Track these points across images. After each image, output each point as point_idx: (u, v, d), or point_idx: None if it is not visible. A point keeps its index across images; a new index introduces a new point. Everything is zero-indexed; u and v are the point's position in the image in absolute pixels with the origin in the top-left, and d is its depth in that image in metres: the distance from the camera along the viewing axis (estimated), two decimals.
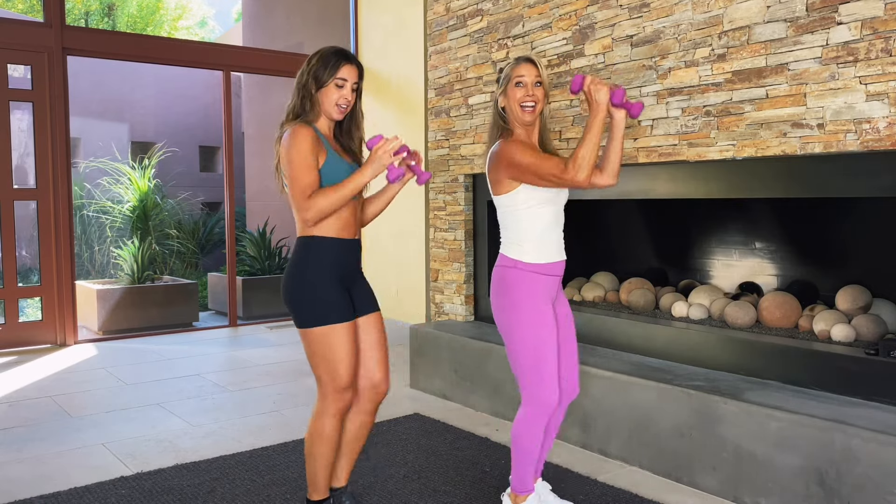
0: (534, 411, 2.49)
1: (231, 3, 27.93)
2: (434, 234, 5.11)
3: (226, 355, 5.82)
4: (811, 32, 2.91)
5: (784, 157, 3.05)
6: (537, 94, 2.51)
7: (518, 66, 2.53)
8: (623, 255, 4.72)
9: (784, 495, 2.70)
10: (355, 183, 2.34)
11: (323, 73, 2.39)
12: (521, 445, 2.54)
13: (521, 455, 2.55)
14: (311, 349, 2.41)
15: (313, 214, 2.31)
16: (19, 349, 5.86)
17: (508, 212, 2.55)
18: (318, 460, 2.48)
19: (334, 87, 2.40)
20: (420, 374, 4.56)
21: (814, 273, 3.74)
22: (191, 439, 3.68)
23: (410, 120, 5.98)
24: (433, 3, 5.07)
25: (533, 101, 2.50)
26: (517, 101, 2.51)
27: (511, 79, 2.52)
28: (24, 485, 3.09)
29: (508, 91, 2.53)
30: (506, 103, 2.55)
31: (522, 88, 2.51)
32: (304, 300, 2.38)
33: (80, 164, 10.85)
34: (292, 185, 2.32)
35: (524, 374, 2.51)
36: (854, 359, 2.90)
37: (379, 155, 2.33)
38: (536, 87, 2.52)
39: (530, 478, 2.59)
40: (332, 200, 2.31)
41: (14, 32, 5.85)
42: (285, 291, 2.43)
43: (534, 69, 2.52)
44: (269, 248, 8.45)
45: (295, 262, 2.42)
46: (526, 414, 2.51)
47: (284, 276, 2.45)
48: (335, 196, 2.31)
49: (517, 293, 2.50)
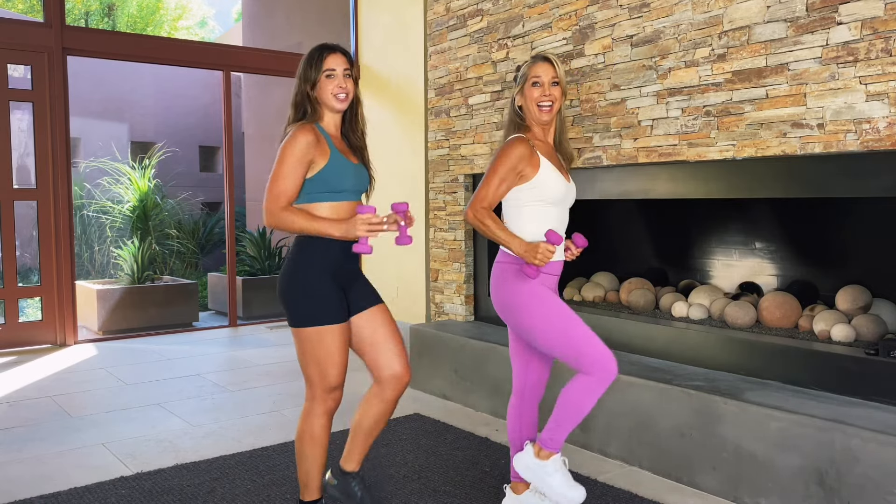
0: (596, 379, 2.35)
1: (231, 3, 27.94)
2: (434, 234, 5.11)
3: (226, 355, 5.82)
4: (811, 32, 2.91)
5: (784, 157, 3.05)
6: (554, 93, 2.51)
7: (535, 66, 2.53)
8: (623, 255, 4.72)
9: (784, 495, 2.70)
10: (320, 228, 2.34)
11: (311, 71, 2.43)
12: (575, 408, 2.38)
13: (571, 416, 2.40)
14: (302, 348, 2.42)
15: (272, 223, 2.34)
16: (19, 349, 5.86)
17: (512, 206, 2.54)
18: (308, 461, 2.48)
19: (325, 80, 2.42)
20: (420, 374, 4.56)
21: (814, 273, 3.74)
22: (191, 439, 3.68)
23: (410, 120, 5.98)
24: (433, 3, 5.07)
25: (550, 100, 2.51)
26: (534, 100, 2.51)
27: (528, 78, 2.52)
28: (24, 485, 3.09)
29: (525, 90, 2.53)
30: (522, 102, 2.55)
31: (539, 88, 2.51)
32: (297, 300, 2.39)
33: (80, 164, 10.85)
34: (270, 182, 2.34)
35: (570, 353, 2.39)
36: (854, 359, 2.90)
37: (357, 224, 2.33)
38: (553, 86, 2.51)
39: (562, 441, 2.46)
40: (294, 226, 2.34)
41: (14, 32, 5.85)
42: (279, 290, 2.45)
43: (551, 69, 2.52)
44: (269, 248, 8.46)
45: (290, 261, 2.44)
46: (587, 381, 2.36)
47: (280, 276, 2.46)
48: (299, 225, 2.33)
49: (518, 284, 2.47)
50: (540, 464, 2.45)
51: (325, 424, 2.46)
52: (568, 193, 2.57)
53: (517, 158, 2.45)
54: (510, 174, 2.46)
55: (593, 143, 3.84)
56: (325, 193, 2.40)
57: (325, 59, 2.43)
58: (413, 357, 4.63)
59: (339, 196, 2.42)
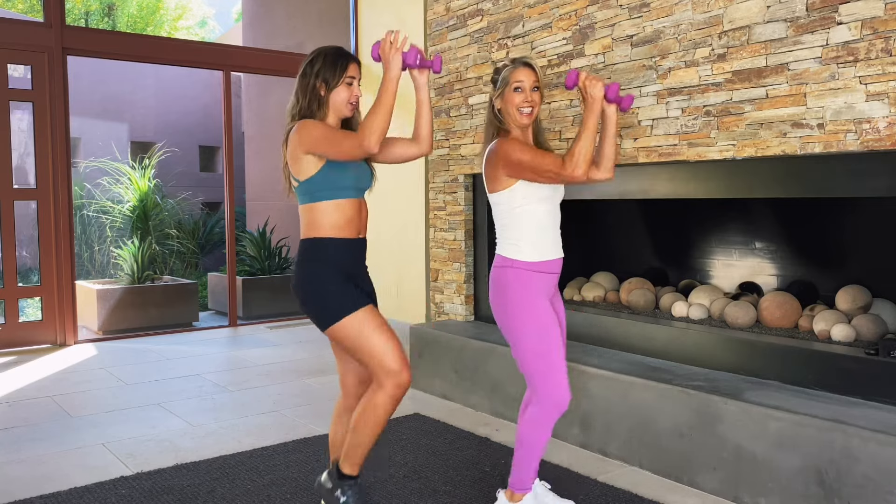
0: (545, 411, 2.49)
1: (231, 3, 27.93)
2: (434, 234, 5.11)
3: (226, 355, 5.82)
4: (811, 32, 2.91)
5: (784, 157, 3.05)
6: (535, 98, 2.54)
7: (516, 71, 2.55)
8: (623, 255, 4.72)
9: (784, 495, 2.70)
10: (385, 90, 2.31)
11: (332, 74, 2.44)
12: (528, 444, 2.54)
13: (526, 453, 2.55)
14: (348, 343, 2.39)
15: (376, 137, 2.26)
16: (19, 349, 5.86)
17: (504, 210, 2.55)
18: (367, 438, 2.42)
19: (345, 86, 2.45)
20: (420, 374, 4.56)
21: (814, 273, 3.73)
22: (191, 439, 3.68)
23: (410, 120, 5.97)
24: (433, 3, 5.07)
25: (531, 105, 2.53)
26: (515, 105, 2.53)
27: (510, 83, 2.54)
28: (24, 485, 3.09)
29: (506, 94, 2.55)
30: (502, 105, 2.57)
31: (521, 94, 2.53)
32: (323, 298, 2.39)
33: (80, 164, 10.85)
34: (339, 146, 2.31)
35: (533, 375, 2.51)
36: (854, 359, 2.90)
37: (388, 53, 2.33)
38: (534, 91, 2.54)
39: (530, 477, 2.60)
40: (378, 116, 2.27)
41: (14, 32, 5.85)
42: (300, 297, 2.43)
43: (532, 74, 2.55)
44: (269, 248, 8.45)
45: (302, 264, 2.43)
46: (536, 413, 2.51)
47: (295, 282, 2.44)
48: (379, 111, 2.28)
49: (515, 292, 2.50)
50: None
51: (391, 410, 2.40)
52: (556, 190, 2.59)
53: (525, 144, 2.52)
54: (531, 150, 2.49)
55: None
56: (328, 191, 2.41)
57: (350, 67, 2.46)
58: (413, 357, 4.62)
59: (342, 193, 2.43)
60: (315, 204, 2.42)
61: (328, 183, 2.40)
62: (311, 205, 2.42)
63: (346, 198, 2.43)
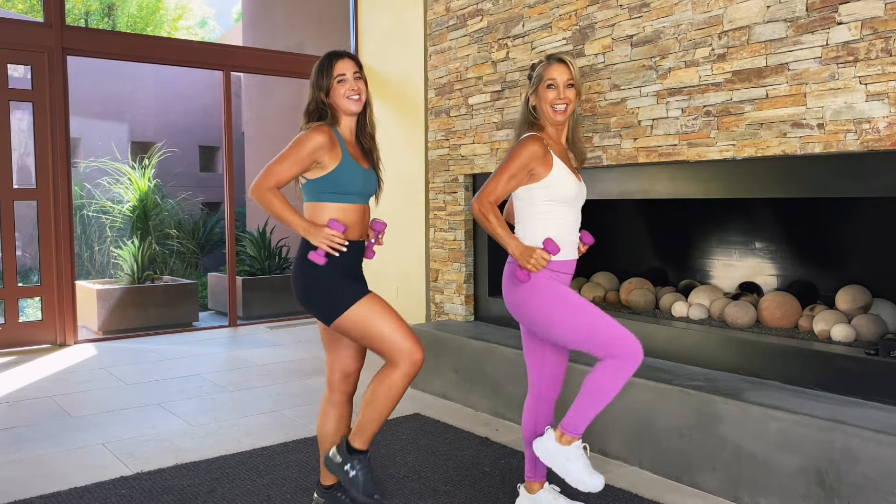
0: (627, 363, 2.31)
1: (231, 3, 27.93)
2: (434, 234, 5.11)
3: (226, 355, 5.82)
4: (811, 32, 2.91)
5: (784, 157, 3.05)
6: (569, 95, 2.50)
7: (550, 67, 2.51)
8: (623, 254, 4.72)
9: (784, 495, 2.70)
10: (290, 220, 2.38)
11: (323, 79, 2.48)
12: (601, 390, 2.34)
13: (594, 399, 2.35)
14: (358, 331, 2.39)
15: (256, 195, 2.39)
16: (19, 349, 5.86)
17: (525, 205, 2.52)
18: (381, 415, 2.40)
19: (337, 85, 2.47)
20: (420, 374, 4.56)
21: (814, 273, 3.73)
22: (191, 439, 3.68)
23: (410, 120, 5.97)
24: (433, 3, 5.07)
25: (564, 102, 2.49)
26: (549, 102, 2.49)
27: (543, 79, 2.50)
28: (24, 485, 3.09)
29: (540, 91, 2.51)
30: (536, 102, 2.53)
31: (554, 90, 2.49)
32: (324, 294, 2.40)
33: (80, 164, 10.86)
34: (273, 161, 2.38)
35: (598, 342, 2.35)
36: (854, 359, 2.90)
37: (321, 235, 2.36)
38: (568, 88, 2.50)
39: (585, 425, 2.42)
40: (271, 207, 2.38)
41: (14, 32, 5.85)
42: (303, 299, 2.44)
43: (566, 70, 2.50)
44: (269, 248, 8.45)
45: (300, 263, 2.44)
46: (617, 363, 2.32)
47: (295, 282, 2.46)
48: (275, 208, 2.38)
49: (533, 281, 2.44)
50: (561, 449, 2.42)
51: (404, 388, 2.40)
52: (579, 193, 2.56)
53: (529, 157, 2.44)
54: (521, 172, 2.44)
55: (593, 143, 3.84)
56: (333, 194, 2.44)
57: (335, 66, 2.47)
58: None
59: (347, 198, 2.46)
60: (320, 203, 2.44)
61: (336, 186, 2.43)
62: (316, 204, 2.45)
63: (351, 203, 2.46)
